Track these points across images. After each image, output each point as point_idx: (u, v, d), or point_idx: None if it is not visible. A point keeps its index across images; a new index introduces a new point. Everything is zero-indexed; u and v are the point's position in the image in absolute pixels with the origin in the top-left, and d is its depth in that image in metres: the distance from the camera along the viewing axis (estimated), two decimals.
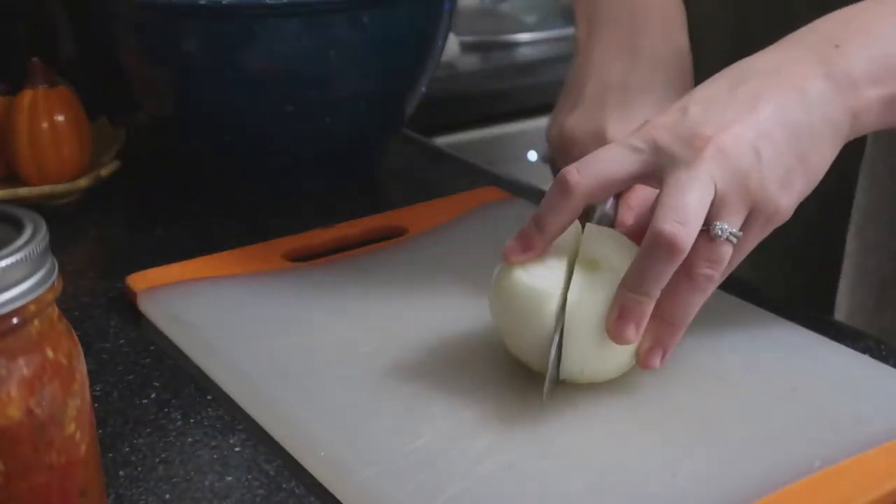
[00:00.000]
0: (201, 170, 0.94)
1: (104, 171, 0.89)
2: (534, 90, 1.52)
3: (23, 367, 0.40)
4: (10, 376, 0.40)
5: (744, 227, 0.54)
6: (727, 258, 0.54)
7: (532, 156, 1.53)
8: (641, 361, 0.56)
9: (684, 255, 0.53)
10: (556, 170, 0.71)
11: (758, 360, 0.61)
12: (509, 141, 1.53)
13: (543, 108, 1.52)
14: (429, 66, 0.91)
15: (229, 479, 0.54)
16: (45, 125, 0.85)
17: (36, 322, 0.41)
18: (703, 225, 0.53)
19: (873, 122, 0.58)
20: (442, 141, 1.34)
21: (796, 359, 0.61)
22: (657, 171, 0.54)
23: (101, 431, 0.54)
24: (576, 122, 0.68)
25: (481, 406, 0.58)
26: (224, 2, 0.80)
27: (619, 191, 0.58)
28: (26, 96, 0.85)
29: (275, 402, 0.59)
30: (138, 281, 0.72)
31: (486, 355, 0.63)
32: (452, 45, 1.50)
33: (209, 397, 0.61)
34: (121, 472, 0.54)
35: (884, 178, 0.75)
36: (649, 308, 0.54)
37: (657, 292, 0.54)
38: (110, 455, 0.56)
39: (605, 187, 0.55)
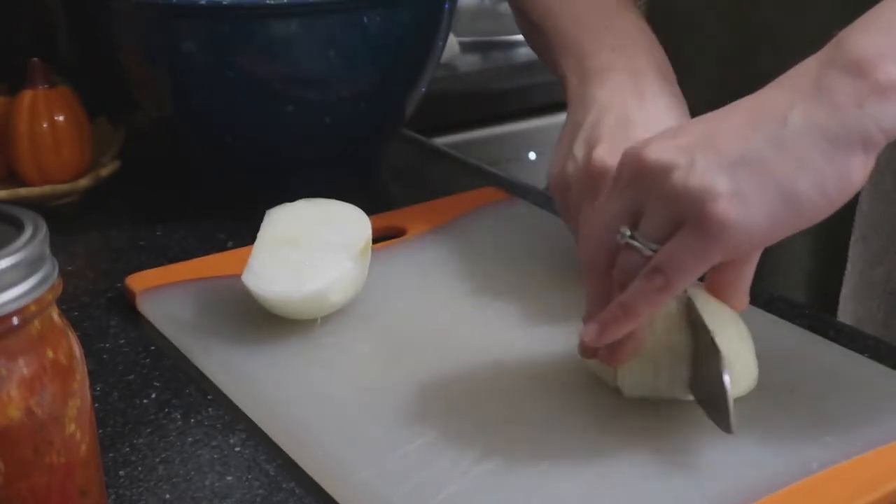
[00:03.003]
0: (201, 170, 0.94)
1: (104, 171, 0.89)
2: (534, 90, 1.52)
3: (23, 368, 0.40)
4: (10, 376, 0.40)
5: (676, 236, 0.50)
6: (635, 263, 0.52)
7: (532, 156, 1.53)
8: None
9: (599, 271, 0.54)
10: (564, 209, 0.68)
11: (756, 360, 0.61)
12: (509, 141, 1.53)
13: (543, 108, 1.53)
14: (429, 66, 0.91)
15: (229, 479, 0.54)
16: (45, 125, 0.85)
17: (36, 322, 0.41)
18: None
19: None
20: (442, 141, 1.34)
21: (795, 360, 0.61)
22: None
23: (101, 431, 0.54)
24: (605, 154, 0.63)
25: (480, 407, 0.58)
26: (224, 2, 0.80)
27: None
28: (26, 96, 0.86)
29: (274, 403, 0.59)
30: (137, 282, 0.72)
31: (485, 356, 0.63)
32: (452, 45, 1.50)
33: (209, 397, 0.61)
34: (121, 472, 0.54)
35: (888, 187, 0.74)
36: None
37: (600, 305, 0.55)
38: (110, 455, 0.56)
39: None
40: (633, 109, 0.65)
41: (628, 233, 0.52)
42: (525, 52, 1.60)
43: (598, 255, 0.54)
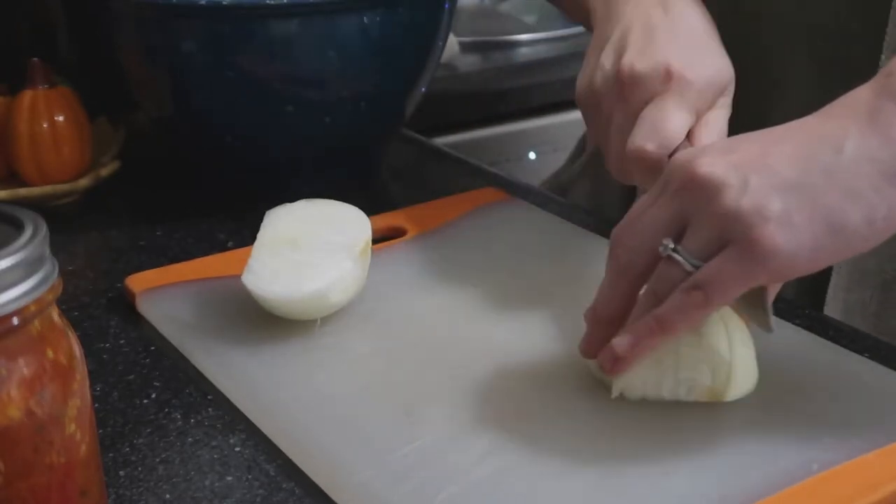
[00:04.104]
0: (201, 170, 0.94)
1: (104, 171, 0.89)
2: (534, 90, 1.52)
3: (23, 368, 0.40)
4: (10, 376, 0.40)
5: (720, 255, 0.51)
6: (676, 278, 0.51)
7: (532, 156, 1.53)
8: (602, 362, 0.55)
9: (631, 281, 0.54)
10: (593, 124, 0.69)
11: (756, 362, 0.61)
12: (509, 141, 1.53)
13: (543, 108, 1.53)
14: (429, 66, 0.91)
15: (229, 479, 0.54)
16: (45, 125, 0.85)
17: (36, 322, 0.41)
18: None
19: None
20: (442, 141, 1.34)
21: (795, 360, 0.61)
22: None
23: (101, 431, 0.54)
24: (636, 59, 0.64)
25: (479, 408, 0.58)
26: (224, 2, 0.80)
27: None
28: (26, 96, 0.85)
29: (274, 403, 0.59)
30: (137, 282, 0.72)
31: (485, 356, 0.63)
32: (452, 45, 1.50)
33: (209, 397, 0.61)
34: (121, 472, 0.54)
35: None
36: (608, 334, 0.55)
37: (612, 318, 0.55)
38: (110, 455, 0.56)
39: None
40: (657, 19, 0.65)
41: (671, 245, 0.52)
42: (525, 52, 1.60)
43: (634, 259, 0.53)
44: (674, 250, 0.52)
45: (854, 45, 0.73)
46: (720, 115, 0.66)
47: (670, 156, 0.62)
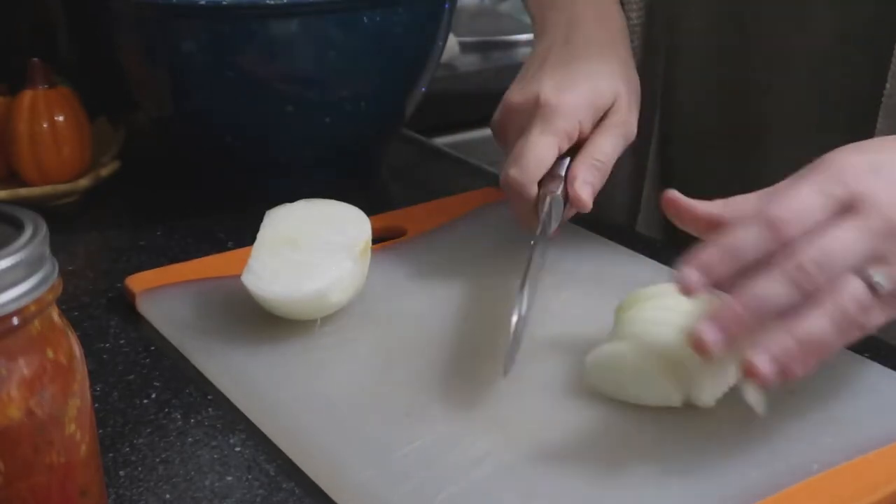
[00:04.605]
0: (201, 170, 0.94)
1: (104, 171, 0.89)
2: None
3: (23, 368, 0.40)
4: (10, 376, 0.40)
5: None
6: (872, 309, 0.51)
7: None
8: (747, 366, 0.49)
9: (806, 297, 0.50)
10: (500, 144, 0.76)
11: None
12: None
13: None
14: (429, 66, 0.91)
15: (229, 479, 0.54)
16: (45, 125, 0.85)
17: (36, 322, 0.41)
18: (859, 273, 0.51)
19: None
20: (442, 141, 1.34)
21: None
22: (841, 212, 0.52)
23: (101, 431, 0.54)
24: (514, 92, 0.71)
25: (480, 409, 0.58)
26: (224, 2, 0.80)
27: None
28: (26, 96, 0.86)
29: (274, 403, 0.59)
30: (137, 282, 0.72)
31: (485, 357, 0.63)
32: (452, 45, 1.50)
33: (209, 397, 0.61)
34: (121, 472, 0.54)
35: None
36: (746, 327, 0.50)
37: (765, 315, 0.50)
38: (110, 455, 0.56)
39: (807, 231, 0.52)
40: (555, 50, 0.72)
41: (876, 278, 0.51)
42: (525, 52, 1.59)
43: (820, 279, 0.50)
44: (880, 283, 0.51)
45: (856, 71, 0.73)
46: (603, 139, 0.69)
47: (542, 180, 0.66)
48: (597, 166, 0.68)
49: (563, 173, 0.68)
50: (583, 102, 0.68)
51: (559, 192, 0.67)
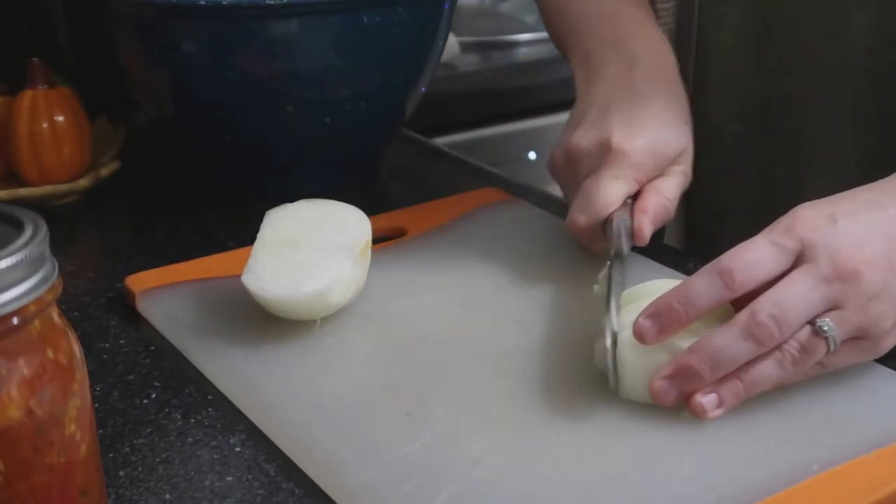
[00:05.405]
0: (201, 170, 0.94)
1: (104, 171, 0.89)
2: (534, 90, 1.52)
3: (23, 368, 0.40)
4: (10, 376, 0.40)
5: (843, 344, 0.55)
6: (818, 354, 0.55)
7: (532, 156, 1.53)
8: (693, 404, 0.55)
9: (766, 349, 0.54)
10: (560, 184, 0.75)
11: None
12: (509, 141, 1.53)
13: (543, 108, 1.53)
14: (429, 66, 0.91)
15: (229, 479, 0.54)
16: (45, 125, 0.85)
17: (36, 322, 0.41)
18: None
19: None
20: (442, 141, 1.34)
21: None
22: (796, 263, 0.56)
23: (101, 431, 0.54)
24: (581, 136, 0.71)
25: (480, 408, 0.58)
26: (224, 2, 0.80)
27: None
28: (26, 96, 0.86)
29: (274, 403, 0.59)
30: (137, 282, 0.72)
31: (485, 357, 0.63)
32: (452, 45, 1.50)
33: (209, 397, 0.61)
34: (121, 472, 0.54)
35: None
36: (705, 382, 0.55)
37: (723, 371, 0.55)
38: (110, 455, 0.56)
39: (758, 287, 0.56)
40: (618, 98, 0.71)
41: (826, 327, 0.55)
42: (525, 52, 1.60)
43: (776, 334, 0.54)
44: (827, 331, 0.55)
45: (891, 84, 0.74)
46: (670, 181, 0.70)
47: (606, 221, 0.67)
48: (665, 205, 0.69)
49: (628, 201, 0.69)
50: (656, 150, 0.70)
51: (626, 216, 0.68)
